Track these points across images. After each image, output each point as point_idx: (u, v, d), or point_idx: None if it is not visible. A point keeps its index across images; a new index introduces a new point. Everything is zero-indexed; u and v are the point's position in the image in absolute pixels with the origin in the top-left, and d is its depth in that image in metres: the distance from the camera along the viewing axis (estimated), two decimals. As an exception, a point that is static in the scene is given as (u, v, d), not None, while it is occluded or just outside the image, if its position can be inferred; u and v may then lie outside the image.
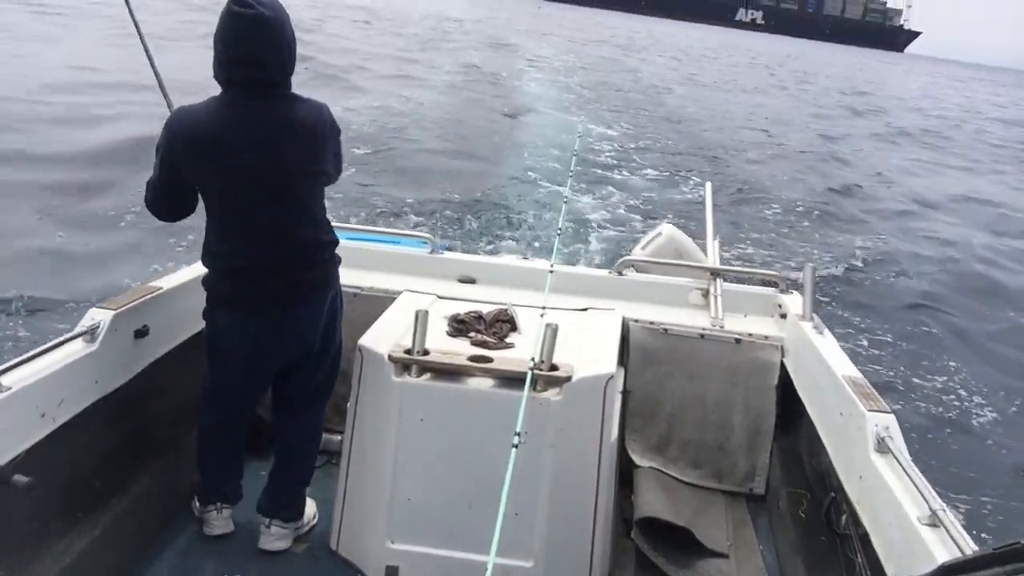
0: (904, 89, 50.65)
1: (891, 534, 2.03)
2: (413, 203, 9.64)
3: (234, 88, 2.32)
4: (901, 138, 23.11)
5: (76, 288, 6.21)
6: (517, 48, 36.08)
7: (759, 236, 9.79)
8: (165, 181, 2.39)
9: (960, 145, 23.41)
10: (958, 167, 18.57)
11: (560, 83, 24.85)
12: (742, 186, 12.85)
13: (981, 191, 15.79)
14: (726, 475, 3.22)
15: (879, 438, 2.24)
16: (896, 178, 15.73)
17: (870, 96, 38.82)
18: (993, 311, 8.19)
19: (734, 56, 61.62)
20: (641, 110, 21.36)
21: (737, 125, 21.36)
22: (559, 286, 3.07)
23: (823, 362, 2.79)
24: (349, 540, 2.64)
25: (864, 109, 30.52)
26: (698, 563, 2.77)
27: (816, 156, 17.54)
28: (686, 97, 26.68)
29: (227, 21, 2.26)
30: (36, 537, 2.19)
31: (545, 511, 2.43)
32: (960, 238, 10.77)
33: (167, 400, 2.81)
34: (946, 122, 30.00)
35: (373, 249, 3.62)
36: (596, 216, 10.05)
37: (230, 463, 2.73)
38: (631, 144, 15.51)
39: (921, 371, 6.52)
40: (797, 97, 33.57)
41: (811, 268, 3.25)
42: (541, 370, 2.34)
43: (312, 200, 2.49)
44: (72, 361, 2.33)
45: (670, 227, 4.18)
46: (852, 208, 12.08)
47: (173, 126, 2.34)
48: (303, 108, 2.40)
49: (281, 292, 2.43)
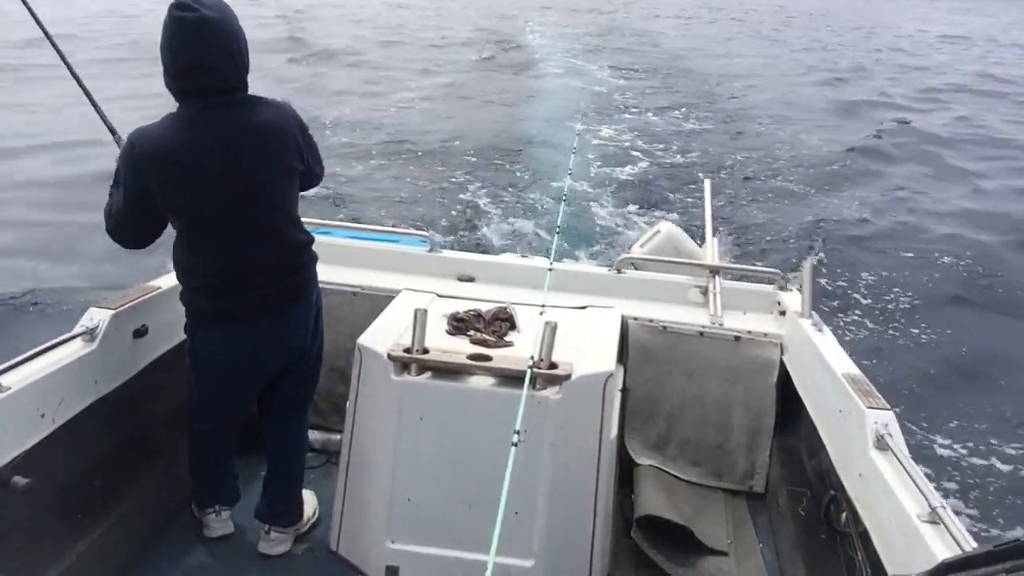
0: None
1: (891, 532, 2.03)
2: (412, 201, 9.64)
3: (191, 99, 2.22)
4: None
5: (75, 288, 6.21)
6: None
7: (759, 224, 9.78)
8: (133, 206, 2.25)
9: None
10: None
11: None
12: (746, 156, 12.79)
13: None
14: (726, 473, 3.22)
15: (879, 435, 2.23)
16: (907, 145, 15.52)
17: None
18: (994, 309, 8.18)
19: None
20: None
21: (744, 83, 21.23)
22: (558, 284, 3.07)
23: (822, 359, 2.79)
24: (349, 540, 2.63)
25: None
26: (698, 561, 2.77)
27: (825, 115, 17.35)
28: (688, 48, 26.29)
29: (170, 27, 2.15)
30: (36, 538, 2.19)
31: (545, 510, 2.43)
32: (965, 235, 10.77)
33: (167, 400, 2.81)
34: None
35: (372, 248, 3.62)
36: (596, 213, 10.04)
37: (224, 470, 2.72)
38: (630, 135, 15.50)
39: (921, 368, 6.52)
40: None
41: (810, 265, 3.25)
42: (540, 368, 2.33)
43: (289, 202, 2.43)
44: (71, 361, 2.33)
45: (669, 225, 4.18)
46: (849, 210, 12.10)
47: (136, 148, 2.20)
48: (265, 110, 2.32)
49: (271, 299, 2.40)
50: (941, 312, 7.86)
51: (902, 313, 7.73)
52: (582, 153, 12.78)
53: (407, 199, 9.79)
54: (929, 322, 7.57)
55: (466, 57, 24.41)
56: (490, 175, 11.67)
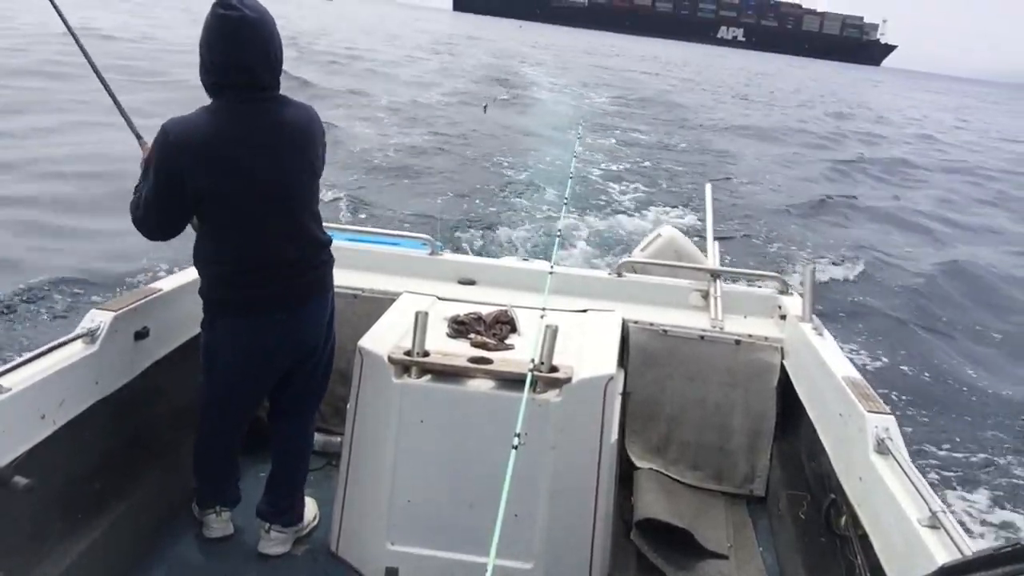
0: (882, 103, 49.43)
1: (891, 535, 2.03)
2: (413, 204, 9.65)
3: (226, 93, 2.31)
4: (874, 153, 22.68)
5: (75, 288, 6.21)
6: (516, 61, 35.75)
7: (757, 236, 9.79)
8: (164, 195, 2.31)
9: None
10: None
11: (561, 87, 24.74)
12: (739, 185, 12.84)
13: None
14: (726, 476, 3.22)
15: (879, 439, 2.23)
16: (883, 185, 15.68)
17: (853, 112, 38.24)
18: (994, 312, 8.19)
19: (721, 73, 60.49)
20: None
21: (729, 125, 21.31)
22: (559, 287, 3.07)
23: (823, 363, 2.79)
24: (349, 542, 2.63)
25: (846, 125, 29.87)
26: (698, 564, 2.77)
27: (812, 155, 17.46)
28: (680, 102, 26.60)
29: (212, 24, 2.24)
30: (36, 539, 2.19)
31: (545, 512, 2.43)
32: (961, 239, 10.77)
33: (167, 402, 2.81)
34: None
35: (373, 250, 3.62)
36: (596, 218, 10.05)
37: (228, 468, 2.73)
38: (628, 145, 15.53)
39: (921, 372, 6.52)
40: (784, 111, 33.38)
41: (811, 269, 3.25)
42: (541, 371, 2.33)
43: (313, 200, 2.51)
44: (72, 363, 2.33)
45: (670, 228, 4.18)
46: (848, 210, 12.09)
47: (171, 136, 2.27)
48: (294, 110, 2.43)
49: (293, 293, 2.44)
50: (942, 317, 7.86)
51: (903, 318, 7.74)
52: (583, 158, 12.79)
53: (408, 202, 9.80)
54: (930, 327, 7.58)
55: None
56: (491, 179, 11.68)
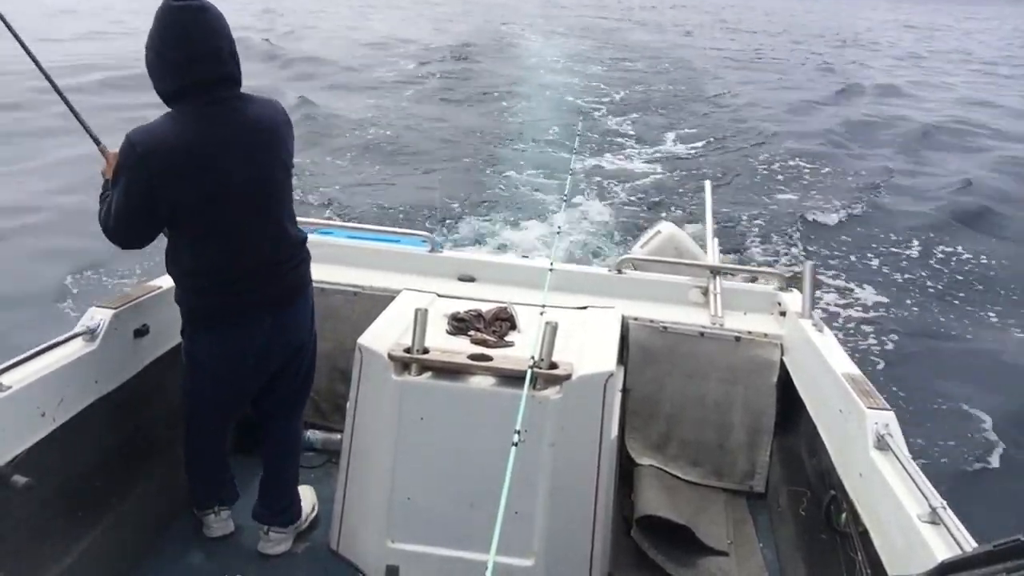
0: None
1: (891, 532, 2.03)
2: (412, 200, 9.64)
3: (191, 95, 2.18)
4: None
5: (75, 286, 6.22)
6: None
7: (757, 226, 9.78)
8: (135, 205, 2.19)
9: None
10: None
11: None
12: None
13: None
14: (726, 473, 3.22)
15: (879, 435, 2.23)
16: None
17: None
18: (994, 307, 8.19)
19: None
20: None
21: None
22: (559, 284, 3.07)
23: (823, 360, 2.79)
24: (349, 540, 2.64)
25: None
26: (698, 561, 2.77)
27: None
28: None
29: (170, 19, 2.11)
30: (36, 537, 2.19)
31: (545, 510, 2.43)
32: (963, 235, 10.77)
33: (167, 399, 2.81)
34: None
35: (372, 248, 3.62)
36: (596, 213, 10.04)
37: (219, 469, 2.73)
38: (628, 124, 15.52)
39: (921, 368, 6.52)
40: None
41: (811, 265, 3.26)
42: (541, 368, 2.33)
43: (288, 198, 2.44)
44: (72, 360, 2.33)
45: (670, 225, 4.17)
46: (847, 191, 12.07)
47: (138, 148, 2.13)
48: (260, 107, 2.32)
49: (276, 296, 2.41)
50: (941, 312, 7.86)
51: (903, 313, 7.73)
52: (582, 154, 12.79)
53: (407, 199, 9.79)
54: (930, 323, 7.58)
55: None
56: (491, 176, 11.68)
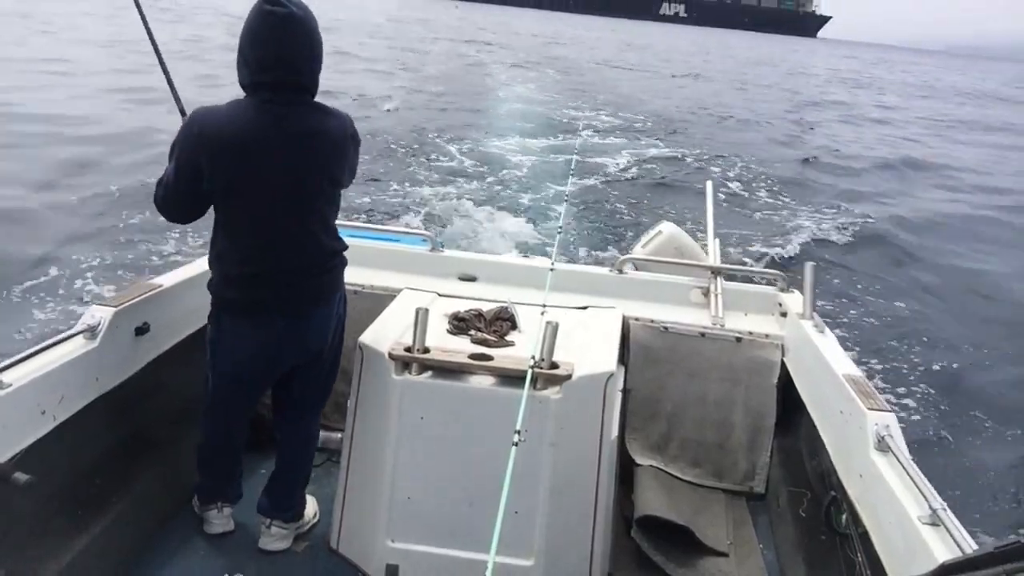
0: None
1: (891, 533, 2.03)
2: (413, 200, 9.64)
3: (261, 91, 2.25)
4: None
5: (76, 285, 6.22)
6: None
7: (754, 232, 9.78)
8: (183, 182, 2.28)
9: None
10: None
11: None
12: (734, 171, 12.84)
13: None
14: (726, 474, 3.22)
15: (879, 437, 2.23)
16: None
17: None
18: (994, 308, 8.18)
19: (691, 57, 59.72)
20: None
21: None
22: (559, 284, 3.07)
23: (823, 361, 2.79)
24: (349, 539, 2.64)
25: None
26: (698, 562, 2.77)
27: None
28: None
29: (257, 20, 2.20)
30: (36, 535, 2.19)
31: (545, 509, 2.43)
32: (961, 236, 10.77)
33: (168, 397, 2.81)
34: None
35: (374, 247, 3.62)
36: (596, 213, 10.04)
37: (231, 464, 2.73)
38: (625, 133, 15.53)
39: (921, 369, 6.52)
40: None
41: (812, 267, 3.25)
42: (541, 368, 2.33)
43: (330, 211, 2.46)
44: (73, 358, 2.33)
45: (670, 225, 4.17)
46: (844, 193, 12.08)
47: (195, 126, 2.24)
48: (329, 119, 2.36)
49: (293, 299, 2.41)
50: (942, 314, 7.86)
51: (904, 315, 7.73)
52: (583, 154, 12.79)
53: (408, 199, 9.79)
54: (931, 324, 7.57)
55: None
56: (492, 176, 11.68)
